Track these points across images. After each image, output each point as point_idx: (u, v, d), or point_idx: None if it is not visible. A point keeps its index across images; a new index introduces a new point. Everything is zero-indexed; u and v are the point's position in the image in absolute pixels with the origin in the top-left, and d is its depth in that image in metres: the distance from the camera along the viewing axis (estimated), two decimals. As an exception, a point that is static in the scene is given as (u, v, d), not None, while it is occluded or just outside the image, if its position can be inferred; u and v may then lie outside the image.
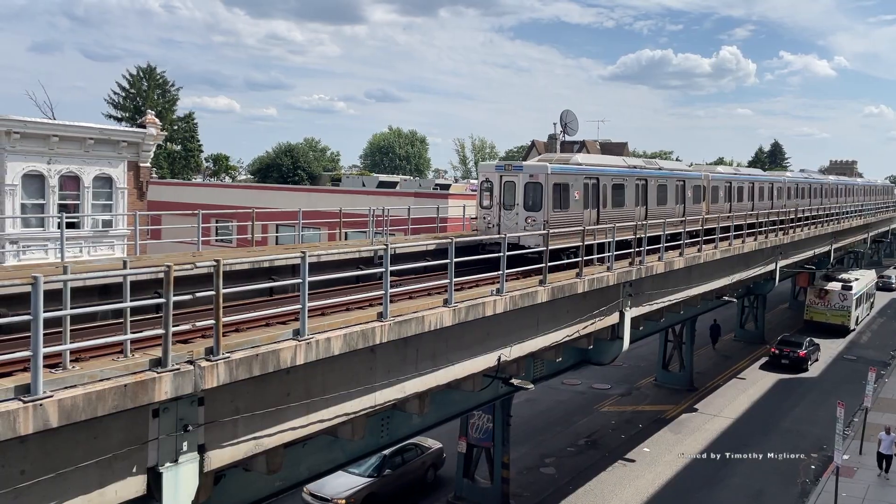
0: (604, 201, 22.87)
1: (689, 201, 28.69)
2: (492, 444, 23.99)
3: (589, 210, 22.11)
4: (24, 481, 8.31)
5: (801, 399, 36.64)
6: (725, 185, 34.03)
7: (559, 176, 20.85)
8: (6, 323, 8.68)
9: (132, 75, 71.74)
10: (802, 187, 46.76)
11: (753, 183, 37.88)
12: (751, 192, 37.35)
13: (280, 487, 14.00)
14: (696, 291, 28.03)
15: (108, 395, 8.63)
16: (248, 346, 10.60)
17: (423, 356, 14.35)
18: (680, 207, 27.91)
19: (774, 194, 40.64)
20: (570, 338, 19.58)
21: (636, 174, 25.23)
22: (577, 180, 21.61)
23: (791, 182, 45.16)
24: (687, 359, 37.96)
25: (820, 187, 50.81)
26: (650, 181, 25.91)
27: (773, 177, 42.87)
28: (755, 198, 37.71)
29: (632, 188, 24.73)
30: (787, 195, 43.12)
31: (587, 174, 22.36)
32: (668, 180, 27.29)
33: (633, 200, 24.77)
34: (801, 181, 47.49)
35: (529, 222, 20.07)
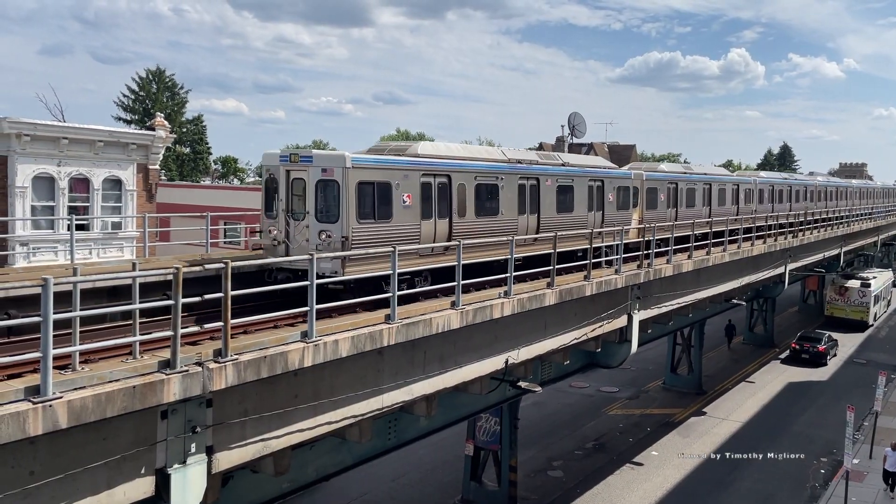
0: (460, 208, 16.80)
1: (609, 207, 22.90)
2: (499, 446, 23.95)
3: (432, 221, 15.95)
4: (33, 482, 8.34)
5: (811, 403, 36.42)
6: (669, 186, 27.78)
7: (369, 171, 14.53)
8: (16, 324, 8.71)
9: (141, 78, 72.12)
10: (780, 189, 40.49)
11: (711, 184, 31.30)
12: (707, 194, 30.76)
13: (288, 489, 14.02)
14: (704, 294, 27.91)
15: (117, 396, 8.67)
16: (256, 347, 10.63)
17: (430, 358, 14.34)
18: (595, 215, 22.19)
19: (741, 197, 34.34)
20: (578, 340, 19.54)
21: (519, 171, 18.98)
22: (407, 178, 15.36)
23: (764, 183, 38.48)
24: (695, 362, 37.79)
25: (804, 189, 45.09)
26: (545, 181, 19.79)
27: (740, 178, 36.63)
28: (713, 201, 31.13)
29: (512, 189, 18.55)
30: (758, 198, 36.69)
31: (425, 169, 15.88)
32: (575, 179, 21.26)
33: (515, 206, 18.68)
34: (778, 182, 41.29)
35: (323, 238, 14.20)
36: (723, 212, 31.34)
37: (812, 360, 42.94)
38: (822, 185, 49.36)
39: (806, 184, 46.46)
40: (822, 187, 49.29)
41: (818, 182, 49.57)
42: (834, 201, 51.32)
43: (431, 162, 16.30)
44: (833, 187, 52.51)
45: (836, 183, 56.01)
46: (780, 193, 40.40)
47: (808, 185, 46.74)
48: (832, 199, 51.02)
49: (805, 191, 45.15)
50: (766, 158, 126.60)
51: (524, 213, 19.05)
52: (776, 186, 39.99)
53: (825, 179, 55.24)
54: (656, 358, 40.51)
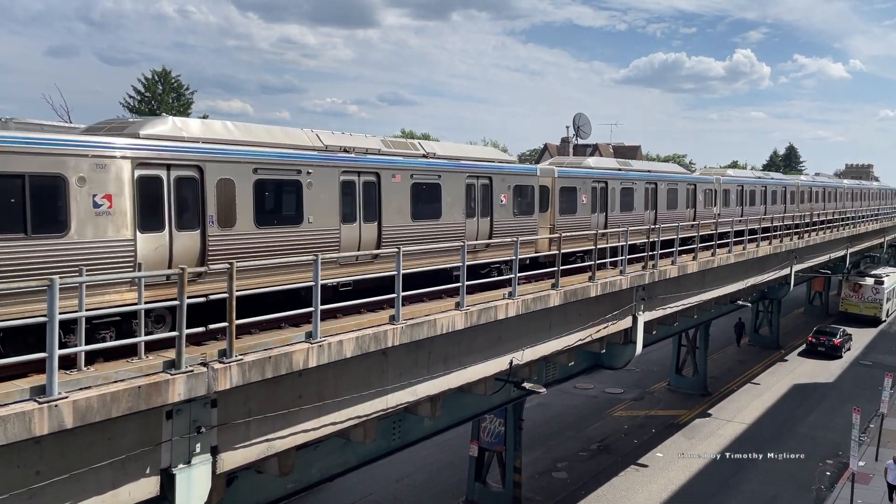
0: (177, 213, 11.25)
1: (500, 211, 18.13)
2: (503, 447, 23.93)
3: (150, 235, 10.83)
4: (38, 482, 8.38)
5: (817, 405, 36.29)
6: (595, 185, 22.54)
7: None
8: (22, 324, 8.75)
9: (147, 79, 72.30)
10: (750, 190, 35.87)
11: (657, 184, 26.39)
12: (652, 195, 26.03)
13: (292, 489, 14.04)
14: (709, 296, 27.84)
15: (123, 396, 8.70)
16: (260, 348, 10.66)
17: (434, 359, 14.35)
18: (480, 222, 17.62)
19: (699, 199, 29.61)
20: (583, 342, 19.52)
21: (331, 162, 13.76)
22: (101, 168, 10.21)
23: (730, 182, 33.71)
24: (701, 363, 37.70)
25: (782, 190, 40.99)
26: (390, 176, 14.97)
27: (699, 177, 31.74)
28: (659, 204, 26.46)
29: (323, 187, 13.48)
30: (723, 201, 32.27)
31: (144, 158, 10.81)
32: (443, 176, 16.33)
33: (336, 213, 13.72)
34: (749, 181, 36.60)
35: None
36: (675, 216, 27.06)
37: (827, 353, 44.97)
38: (805, 186, 46.13)
39: (785, 184, 42.46)
40: (806, 188, 46.13)
41: (801, 182, 46.10)
42: (821, 203, 47.80)
43: (146, 147, 11.06)
44: (819, 188, 49.02)
45: (823, 183, 51.82)
46: (752, 195, 36.17)
47: (789, 185, 42.97)
48: (818, 201, 47.44)
49: (784, 191, 41.29)
50: (772, 159, 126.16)
51: (363, 220, 14.50)
52: (746, 186, 35.31)
53: (809, 179, 52.16)
54: (661, 359, 40.42)
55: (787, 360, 45.01)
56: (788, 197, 41.91)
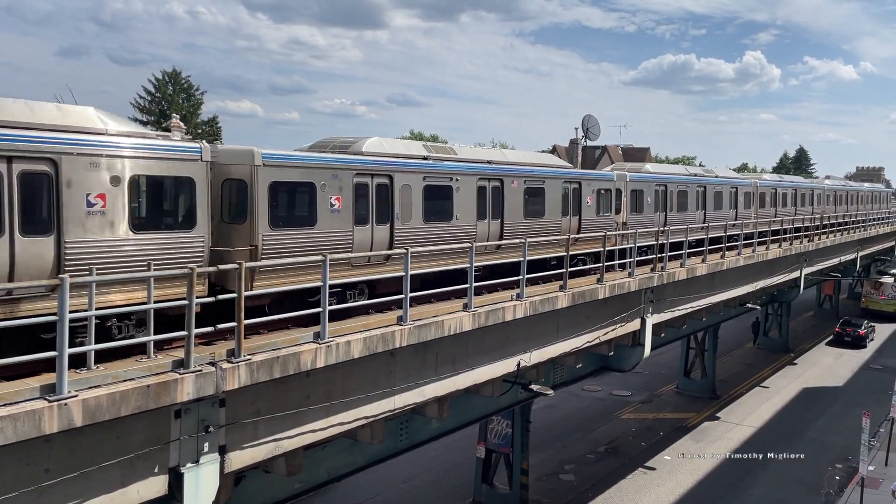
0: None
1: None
2: (511, 449, 23.90)
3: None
4: (48, 480, 8.43)
5: (826, 409, 36.09)
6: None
7: None
8: (32, 323, 8.81)
9: (158, 79, 72.57)
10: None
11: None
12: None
13: (299, 489, 14.07)
14: (718, 298, 27.74)
15: (132, 395, 8.74)
16: (269, 348, 10.69)
17: (442, 360, 14.35)
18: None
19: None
20: (591, 344, 19.48)
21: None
22: None
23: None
24: (709, 366, 37.55)
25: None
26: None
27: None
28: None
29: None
30: None
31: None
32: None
33: None
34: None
35: None
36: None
37: (853, 343, 48.92)
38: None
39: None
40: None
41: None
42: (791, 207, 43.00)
43: None
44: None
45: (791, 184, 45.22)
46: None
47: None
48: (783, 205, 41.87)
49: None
50: (782, 162, 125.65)
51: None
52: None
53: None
54: (670, 362, 40.28)
55: (797, 364, 44.77)
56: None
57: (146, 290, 9.64)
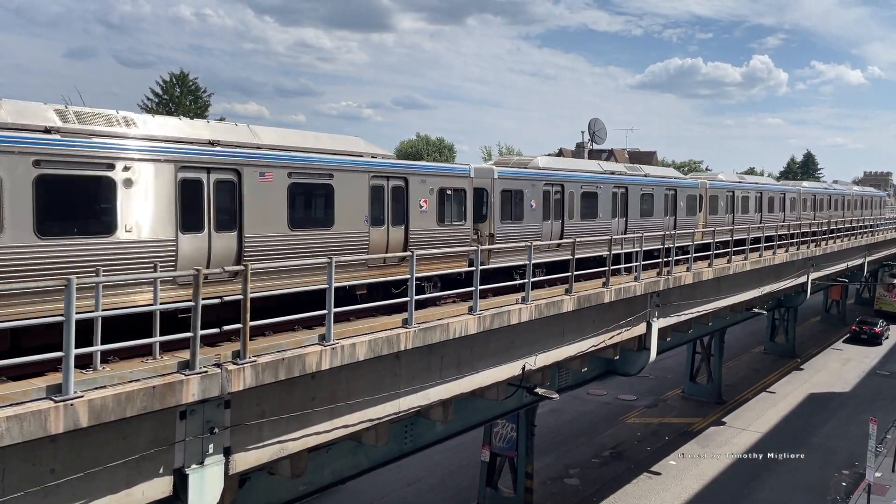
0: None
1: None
2: (515, 453, 23.85)
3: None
4: (53, 480, 8.45)
5: (833, 415, 35.92)
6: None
7: None
8: (38, 324, 8.85)
9: (165, 81, 72.84)
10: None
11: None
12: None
13: (304, 492, 14.05)
14: (725, 303, 27.64)
15: (137, 396, 8.76)
16: (274, 350, 10.69)
17: (447, 363, 14.34)
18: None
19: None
20: (596, 348, 19.43)
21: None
22: None
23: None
24: (715, 371, 37.42)
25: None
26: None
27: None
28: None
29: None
30: None
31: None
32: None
33: None
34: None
35: None
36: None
37: (870, 340, 51.56)
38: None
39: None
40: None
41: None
42: None
43: None
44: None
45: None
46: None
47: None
48: None
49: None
50: (790, 166, 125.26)
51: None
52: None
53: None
54: (675, 366, 40.18)
55: (804, 369, 44.59)
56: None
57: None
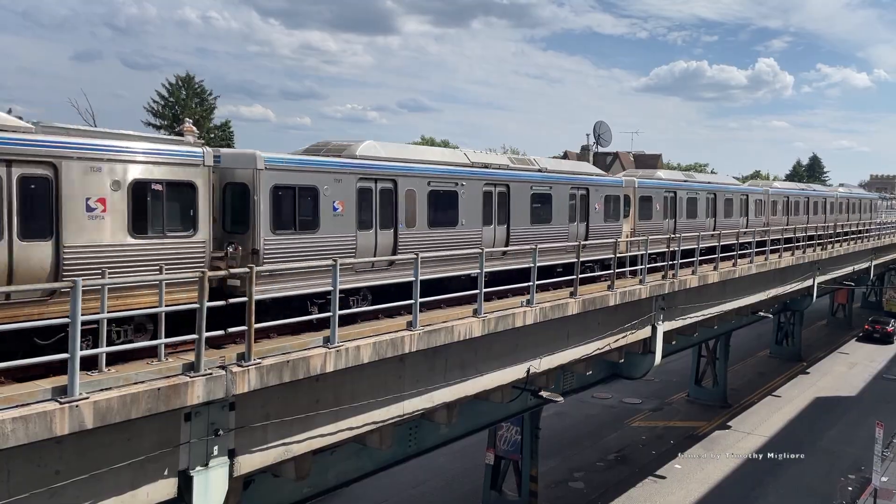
0: None
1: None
2: (520, 456, 23.82)
3: None
4: (58, 481, 8.48)
5: (839, 419, 35.76)
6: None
7: None
8: (47, 325, 8.88)
9: (171, 84, 72.98)
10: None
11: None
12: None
13: (308, 494, 14.06)
14: (730, 306, 27.57)
15: (142, 398, 8.78)
16: (278, 352, 10.71)
17: (451, 366, 14.33)
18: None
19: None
20: (601, 351, 19.40)
21: None
22: None
23: None
24: (721, 375, 37.30)
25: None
26: None
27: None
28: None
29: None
30: None
31: None
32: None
33: None
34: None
35: None
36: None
37: (881, 339, 53.03)
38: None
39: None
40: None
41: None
42: None
43: None
44: None
45: None
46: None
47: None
48: None
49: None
50: (795, 169, 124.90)
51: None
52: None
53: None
54: (681, 370, 40.05)
55: (810, 373, 44.41)
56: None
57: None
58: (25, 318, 9.05)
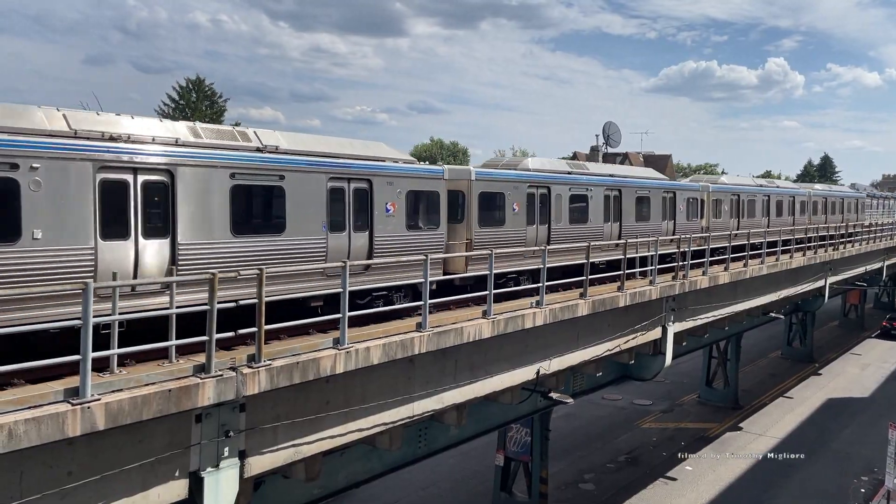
0: None
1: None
2: (530, 458, 23.77)
3: None
4: (70, 482, 8.52)
5: (852, 419, 35.51)
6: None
7: None
8: (56, 327, 8.94)
9: (182, 87, 73.37)
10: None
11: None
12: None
13: (318, 495, 14.09)
14: (741, 307, 27.44)
15: (153, 399, 8.82)
16: (289, 353, 10.73)
17: (461, 367, 14.33)
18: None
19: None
20: (611, 352, 19.35)
21: None
22: None
23: None
24: (732, 376, 37.11)
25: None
26: None
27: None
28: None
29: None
30: None
31: None
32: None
33: None
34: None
35: None
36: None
37: None
38: None
39: None
40: None
41: None
42: None
43: None
44: None
45: None
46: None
47: None
48: None
49: None
50: (807, 169, 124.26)
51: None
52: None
53: None
54: (691, 371, 39.88)
55: (822, 374, 44.12)
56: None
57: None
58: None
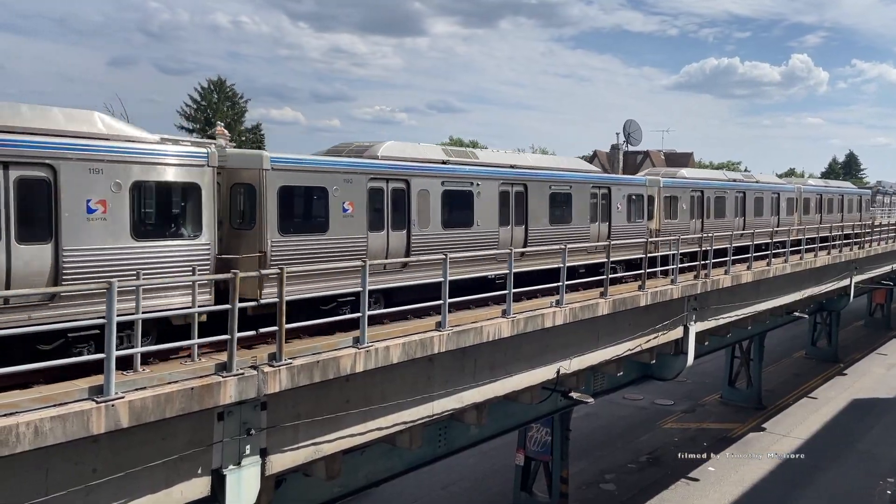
0: None
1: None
2: (550, 457, 23.69)
3: None
4: (95, 479, 8.64)
5: (877, 420, 34.99)
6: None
7: None
8: (80, 325, 9.06)
9: (203, 88, 73.94)
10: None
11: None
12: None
13: (338, 494, 14.15)
14: (764, 307, 27.14)
15: (176, 397, 8.92)
16: (309, 352, 10.80)
17: (480, 367, 14.32)
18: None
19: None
20: (632, 352, 19.24)
21: None
22: None
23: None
24: (755, 376, 36.70)
25: None
26: None
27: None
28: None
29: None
30: None
31: None
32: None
33: None
34: None
35: None
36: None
37: None
38: None
39: None
40: None
41: None
42: None
43: None
44: None
45: None
46: None
47: None
48: None
49: None
50: (831, 167, 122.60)
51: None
52: None
53: None
54: (714, 371, 39.50)
55: (847, 374, 43.52)
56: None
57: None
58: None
